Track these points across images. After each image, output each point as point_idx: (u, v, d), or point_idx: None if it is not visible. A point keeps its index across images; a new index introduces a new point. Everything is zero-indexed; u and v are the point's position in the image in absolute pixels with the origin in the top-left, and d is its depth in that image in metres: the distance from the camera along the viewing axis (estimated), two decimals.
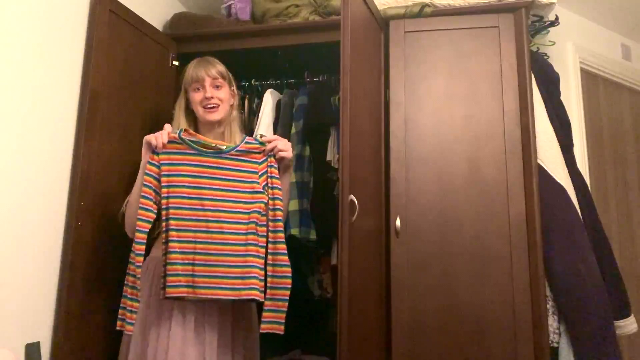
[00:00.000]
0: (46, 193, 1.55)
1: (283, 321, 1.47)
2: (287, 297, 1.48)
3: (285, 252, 1.51)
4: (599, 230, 1.95)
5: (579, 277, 1.72)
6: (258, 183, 1.53)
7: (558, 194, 1.81)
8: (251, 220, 1.50)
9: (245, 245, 1.48)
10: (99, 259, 1.69)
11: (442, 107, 1.88)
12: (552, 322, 1.71)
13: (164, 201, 1.48)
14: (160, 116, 2.03)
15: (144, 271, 1.54)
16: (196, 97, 1.65)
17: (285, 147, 1.57)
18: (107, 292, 1.71)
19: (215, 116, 1.65)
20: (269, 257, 1.50)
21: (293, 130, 2.11)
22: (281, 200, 1.55)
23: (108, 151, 1.75)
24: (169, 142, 1.51)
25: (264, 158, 1.56)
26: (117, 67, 1.82)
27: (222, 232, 1.47)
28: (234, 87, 1.75)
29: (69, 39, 1.66)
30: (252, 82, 2.27)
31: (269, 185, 1.54)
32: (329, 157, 2.07)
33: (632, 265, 2.68)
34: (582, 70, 2.64)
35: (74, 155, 1.64)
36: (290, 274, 1.49)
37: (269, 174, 1.55)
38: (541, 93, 1.94)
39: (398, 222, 1.79)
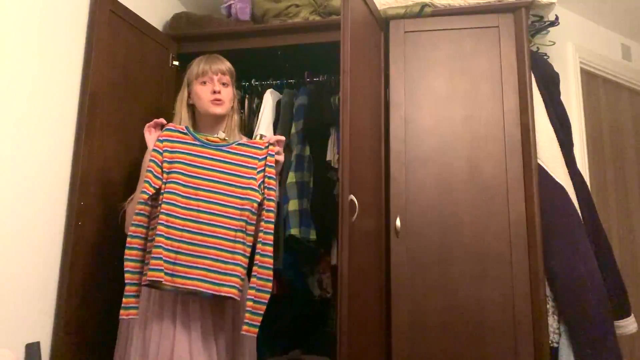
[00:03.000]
0: (46, 193, 1.55)
1: (259, 324, 1.42)
2: (267, 301, 1.44)
3: (272, 255, 1.47)
4: (599, 230, 1.95)
5: (579, 277, 1.71)
6: (255, 179, 1.51)
7: (558, 194, 1.81)
8: (242, 217, 1.48)
9: (234, 242, 1.46)
10: (99, 259, 1.69)
11: (442, 107, 1.88)
12: (552, 322, 1.71)
13: (163, 187, 1.47)
14: (160, 116, 2.01)
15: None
16: (202, 89, 1.64)
17: (281, 151, 1.59)
18: (107, 292, 1.70)
19: (220, 110, 1.65)
20: (257, 257, 1.46)
21: (293, 130, 2.11)
22: (274, 201, 1.53)
23: (108, 151, 1.75)
24: (176, 131, 1.53)
25: (264, 156, 1.55)
26: (117, 67, 1.82)
27: (213, 225, 1.45)
28: (234, 90, 1.76)
29: (69, 39, 1.66)
30: (252, 82, 2.27)
31: (265, 184, 1.53)
32: (329, 157, 2.07)
33: (632, 265, 2.68)
34: (582, 70, 2.64)
35: (74, 155, 1.64)
36: (272, 278, 1.46)
37: (266, 173, 1.53)
38: (541, 93, 1.94)
39: (398, 222, 1.79)
